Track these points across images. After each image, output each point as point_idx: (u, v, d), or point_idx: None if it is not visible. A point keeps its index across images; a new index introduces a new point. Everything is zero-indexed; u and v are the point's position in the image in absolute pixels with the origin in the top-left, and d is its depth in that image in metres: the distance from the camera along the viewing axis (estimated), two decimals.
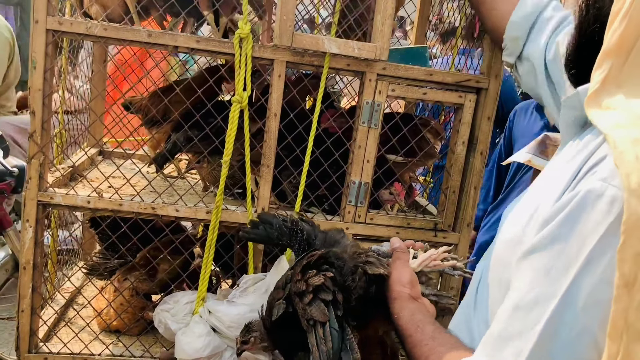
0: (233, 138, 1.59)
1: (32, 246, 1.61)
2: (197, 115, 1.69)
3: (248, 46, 1.55)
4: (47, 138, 1.57)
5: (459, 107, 1.71)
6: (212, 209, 1.63)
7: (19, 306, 1.63)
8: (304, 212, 1.72)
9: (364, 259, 1.23)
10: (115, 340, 1.78)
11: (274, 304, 1.21)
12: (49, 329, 1.80)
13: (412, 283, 1.15)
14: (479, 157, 1.73)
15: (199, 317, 1.61)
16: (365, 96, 1.63)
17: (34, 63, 1.50)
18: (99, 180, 1.73)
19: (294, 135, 1.66)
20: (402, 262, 1.21)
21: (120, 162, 1.97)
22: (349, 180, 1.68)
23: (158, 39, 1.54)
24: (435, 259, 1.27)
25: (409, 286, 1.14)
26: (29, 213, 1.59)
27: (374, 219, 1.72)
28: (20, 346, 1.66)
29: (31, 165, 1.56)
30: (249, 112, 1.61)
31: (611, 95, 0.78)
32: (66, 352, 1.70)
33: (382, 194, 1.81)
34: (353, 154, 1.67)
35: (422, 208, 1.88)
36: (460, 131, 1.72)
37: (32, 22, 1.48)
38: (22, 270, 1.62)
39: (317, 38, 1.56)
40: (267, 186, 1.66)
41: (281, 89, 1.60)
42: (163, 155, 1.83)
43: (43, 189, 1.59)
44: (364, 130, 1.65)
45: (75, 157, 1.91)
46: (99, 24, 1.51)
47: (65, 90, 2.00)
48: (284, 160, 1.69)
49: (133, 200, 1.63)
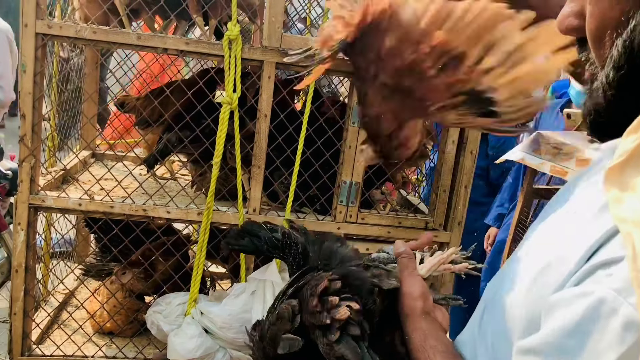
0: (223, 140, 1.59)
1: (24, 249, 1.61)
2: (187, 117, 1.70)
3: (237, 48, 1.56)
4: (38, 141, 1.58)
5: None
6: (203, 211, 1.64)
7: (12, 309, 1.63)
8: (296, 212, 1.73)
9: (373, 272, 1.12)
10: (109, 342, 1.79)
11: (279, 336, 1.05)
12: (42, 332, 1.80)
13: (424, 295, 1.06)
14: (469, 157, 1.73)
15: (191, 318, 1.62)
16: (356, 96, 1.63)
17: (23, 67, 1.50)
18: (91, 182, 1.74)
19: (284, 136, 1.67)
20: (410, 271, 1.11)
21: (112, 164, 1.97)
22: (340, 180, 1.69)
23: (147, 42, 1.55)
24: (444, 262, 1.17)
25: (421, 300, 1.05)
26: (20, 216, 1.59)
27: (366, 218, 1.73)
28: (13, 349, 1.67)
29: (22, 168, 1.57)
30: (239, 114, 1.61)
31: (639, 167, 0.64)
32: (59, 354, 1.71)
33: (374, 194, 1.82)
34: (344, 154, 1.68)
35: (414, 207, 1.88)
36: (449, 130, 1.72)
37: (21, 26, 1.49)
38: (14, 273, 1.63)
39: (306, 39, 1.57)
40: (258, 187, 1.67)
41: (271, 90, 1.61)
42: (154, 156, 1.83)
43: (34, 192, 1.60)
44: (354, 131, 1.65)
45: (66, 160, 1.92)
46: (89, 27, 1.52)
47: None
48: (274, 161, 1.70)
49: (124, 202, 1.64)
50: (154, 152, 1.83)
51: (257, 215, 1.68)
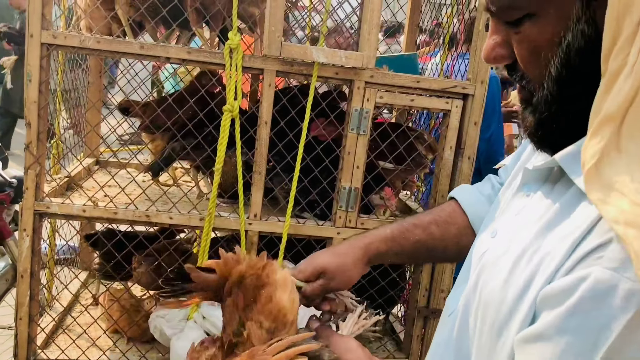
0: (225, 146, 1.62)
1: (30, 255, 1.64)
2: (189, 125, 1.73)
3: (238, 56, 1.59)
4: (43, 149, 1.61)
5: (446, 113, 1.75)
6: (205, 216, 1.67)
7: (17, 314, 1.66)
8: (296, 217, 1.75)
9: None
10: (112, 346, 1.81)
11: None
12: (47, 336, 1.83)
13: (361, 345, 1.08)
14: (466, 162, 1.76)
15: (193, 322, 1.65)
16: (354, 103, 1.67)
17: (29, 76, 1.54)
18: (95, 189, 1.77)
19: (284, 142, 1.70)
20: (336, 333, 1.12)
21: (115, 171, 2.01)
22: (340, 185, 1.72)
23: (150, 51, 1.58)
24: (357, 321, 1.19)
25: (361, 347, 1.07)
26: (26, 222, 1.62)
27: (365, 223, 1.75)
28: (18, 354, 1.69)
29: (28, 175, 1.60)
30: (240, 121, 1.64)
31: (613, 164, 0.68)
32: (64, 358, 1.73)
33: (373, 199, 1.85)
34: (343, 160, 1.71)
35: (413, 212, 1.91)
36: (447, 136, 1.75)
37: (27, 36, 1.52)
38: (19, 278, 1.65)
39: (305, 48, 1.60)
40: (259, 193, 1.70)
41: (271, 98, 1.64)
42: (158, 164, 1.86)
43: (40, 198, 1.63)
44: (353, 137, 1.68)
45: (70, 167, 1.95)
46: (92, 37, 1.55)
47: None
48: (275, 167, 1.73)
49: (127, 208, 1.67)
50: (157, 160, 1.86)
51: (258, 220, 1.71)
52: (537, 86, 0.81)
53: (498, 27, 0.84)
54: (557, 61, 0.77)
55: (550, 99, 0.79)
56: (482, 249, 0.95)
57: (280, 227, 1.72)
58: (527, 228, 0.83)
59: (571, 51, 0.76)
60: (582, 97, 0.75)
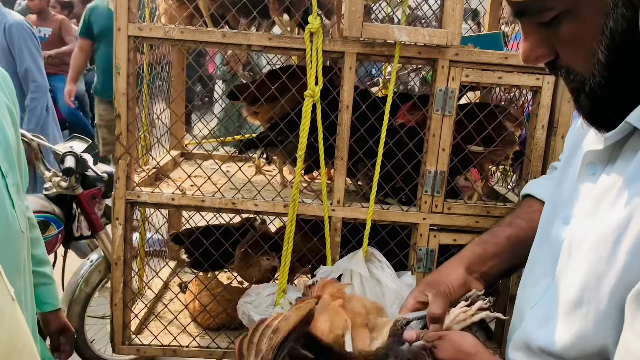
0: (307, 132, 1.61)
1: (122, 243, 1.69)
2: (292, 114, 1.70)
3: (318, 40, 1.57)
4: (132, 139, 1.66)
5: (536, 90, 1.66)
6: (289, 203, 1.66)
7: (112, 300, 1.72)
8: (380, 203, 1.72)
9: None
10: (202, 332, 1.85)
11: None
12: (140, 322, 1.88)
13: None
14: (559, 141, 1.66)
15: (280, 308, 1.65)
16: (438, 83, 1.61)
17: (117, 69, 1.59)
18: (182, 179, 1.81)
19: (366, 127, 1.66)
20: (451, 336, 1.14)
21: (201, 162, 2.04)
22: (424, 169, 1.67)
23: (232, 39, 1.59)
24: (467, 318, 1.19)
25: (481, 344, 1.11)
26: (118, 211, 1.68)
27: (452, 208, 1.69)
28: (114, 338, 1.75)
29: (119, 165, 1.65)
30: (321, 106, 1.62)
31: None
32: (156, 344, 1.78)
33: (458, 181, 1.78)
34: (427, 143, 1.65)
35: (502, 196, 1.83)
36: (539, 115, 1.66)
37: (115, 30, 1.57)
38: (113, 266, 1.71)
39: (387, 27, 1.56)
40: (342, 178, 1.68)
41: (352, 81, 1.61)
42: (252, 140, 1.87)
43: (130, 188, 1.68)
44: (437, 119, 1.63)
45: (158, 159, 2.00)
46: (176, 27, 1.58)
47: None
48: (357, 152, 1.70)
49: (214, 196, 1.69)
50: (253, 137, 1.86)
51: (341, 206, 1.69)
52: (586, 75, 0.85)
53: (532, 29, 0.87)
54: (603, 48, 0.80)
55: (605, 83, 0.83)
56: (560, 237, 0.97)
57: (364, 213, 1.69)
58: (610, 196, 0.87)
59: (615, 35, 0.79)
60: (632, 73, 0.81)
